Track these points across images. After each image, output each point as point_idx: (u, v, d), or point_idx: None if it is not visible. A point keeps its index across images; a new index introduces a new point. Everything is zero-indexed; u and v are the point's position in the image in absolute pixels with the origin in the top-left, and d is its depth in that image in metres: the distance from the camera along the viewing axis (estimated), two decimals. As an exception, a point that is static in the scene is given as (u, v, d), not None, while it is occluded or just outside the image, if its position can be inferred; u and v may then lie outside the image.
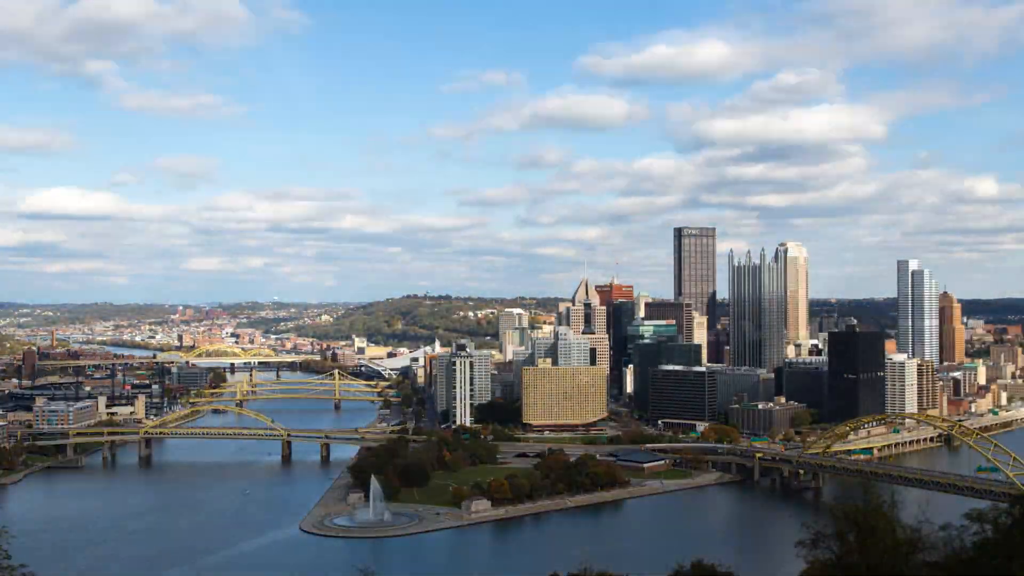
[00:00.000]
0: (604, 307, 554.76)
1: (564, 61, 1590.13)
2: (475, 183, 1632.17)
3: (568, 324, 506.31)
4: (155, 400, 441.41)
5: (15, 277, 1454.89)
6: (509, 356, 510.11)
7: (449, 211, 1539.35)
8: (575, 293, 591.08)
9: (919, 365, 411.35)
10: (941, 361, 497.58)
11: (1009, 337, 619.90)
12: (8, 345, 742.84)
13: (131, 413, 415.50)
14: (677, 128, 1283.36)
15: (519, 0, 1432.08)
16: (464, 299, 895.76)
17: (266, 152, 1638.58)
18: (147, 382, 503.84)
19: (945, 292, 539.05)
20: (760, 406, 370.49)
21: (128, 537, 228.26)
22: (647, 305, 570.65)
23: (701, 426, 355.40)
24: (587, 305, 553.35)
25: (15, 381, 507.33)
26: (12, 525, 62.28)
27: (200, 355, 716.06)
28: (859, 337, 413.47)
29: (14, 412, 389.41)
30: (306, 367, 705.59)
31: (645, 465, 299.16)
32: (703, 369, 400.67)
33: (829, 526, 51.92)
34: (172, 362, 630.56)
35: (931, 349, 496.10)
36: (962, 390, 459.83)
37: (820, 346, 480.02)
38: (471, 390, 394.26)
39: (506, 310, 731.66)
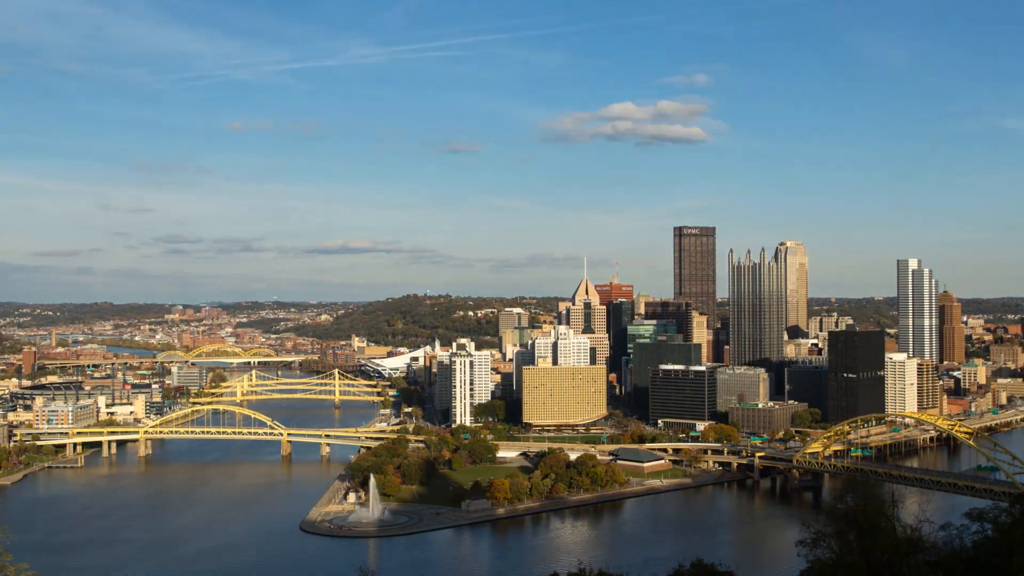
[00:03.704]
0: (604, 307, 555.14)
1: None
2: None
3: (568, 324, 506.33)
4: (155, 400, 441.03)
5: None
6: (509, 356, 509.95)
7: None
8: (575, 293, 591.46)
9: (919, 364, 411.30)
10: (941, 360, 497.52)
11: (1009, 336, 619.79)
12: (8, 344, 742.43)
13: (131, 413, 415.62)
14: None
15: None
16: (464, 299, 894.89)
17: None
18: (147, 382, 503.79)
19: (945, 291, 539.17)
20: (760, 405, 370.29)
21: (127, 537, 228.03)
22: (647, 305, 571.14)
23: (701, 426, 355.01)
24: (587, 305, 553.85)
25: (15, 381, 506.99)
26: (12, 525, 62.39)
27: (200, 355, 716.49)
28: (859, 336, 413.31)
29: (14, 412, 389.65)
30: (306, 367, 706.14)
31: (645, 465, 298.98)
32: (703, 369, 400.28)
33: (829, 526, 51.97)
34: (172, 362, 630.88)
35: (931, 348, 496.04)
36: (962, 389, 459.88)
37: (820, 345, 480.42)
38: (471, 390, 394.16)
39: (506, 310, 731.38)
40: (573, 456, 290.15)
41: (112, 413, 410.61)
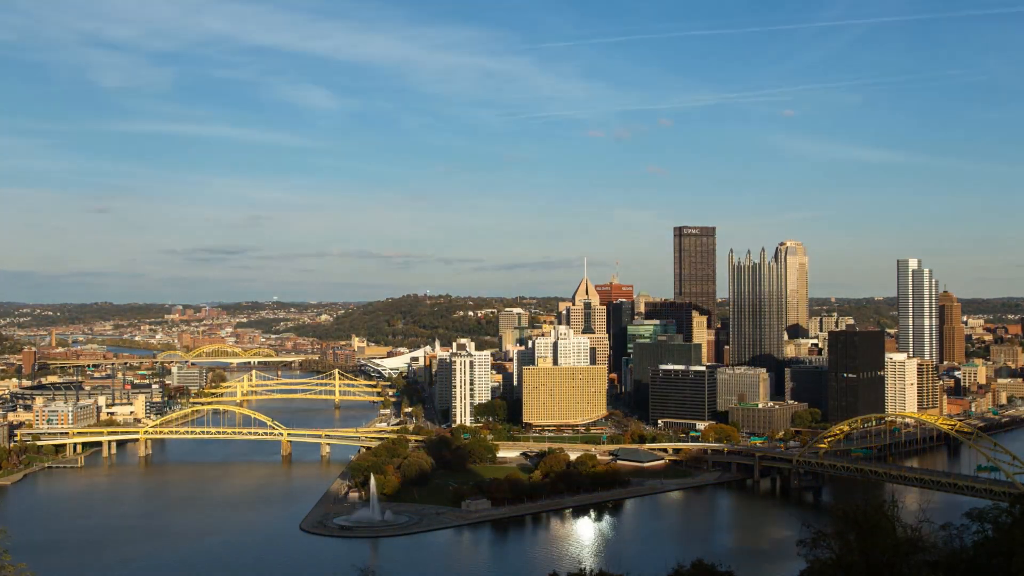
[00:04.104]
0: (604, 307, 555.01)
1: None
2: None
3: (568, 324, 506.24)
4: (155, 400, 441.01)
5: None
6: (510, 355, 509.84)
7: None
8: (575, 293, 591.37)
9: (919, 364, 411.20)
10: (941, 360, 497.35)
11: (1009, 336, 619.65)
12: (8, 344, 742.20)
13: (131, 413, 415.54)
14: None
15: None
16: (464, 299, 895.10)
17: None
18: (147, 382, 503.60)
19: (945, 291, 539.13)
20: (760, 405, 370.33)
21: (127, 537, 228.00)
22: (647, 305, 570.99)
23: (701, 426, 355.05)
24: (587, 305, 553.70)
25: (15, 381, 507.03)
26: (12, 525, 62.32)
27: (200, 355, 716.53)
28: (859, 336, 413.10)
29: (14, 412, 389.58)
30: (306, 367, 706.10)
31: (645, 465, 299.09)
32: (703, 369, 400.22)
33: (829, 526, 52.02)
34: (172, 362, 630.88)
35: (931, 348, 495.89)
36: (962, 389, 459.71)
37: (820, 345, 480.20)
38: (471, 390, 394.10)
39: (506, 310, 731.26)
40: (573, 456, 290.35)
41: (112, 413, 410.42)
